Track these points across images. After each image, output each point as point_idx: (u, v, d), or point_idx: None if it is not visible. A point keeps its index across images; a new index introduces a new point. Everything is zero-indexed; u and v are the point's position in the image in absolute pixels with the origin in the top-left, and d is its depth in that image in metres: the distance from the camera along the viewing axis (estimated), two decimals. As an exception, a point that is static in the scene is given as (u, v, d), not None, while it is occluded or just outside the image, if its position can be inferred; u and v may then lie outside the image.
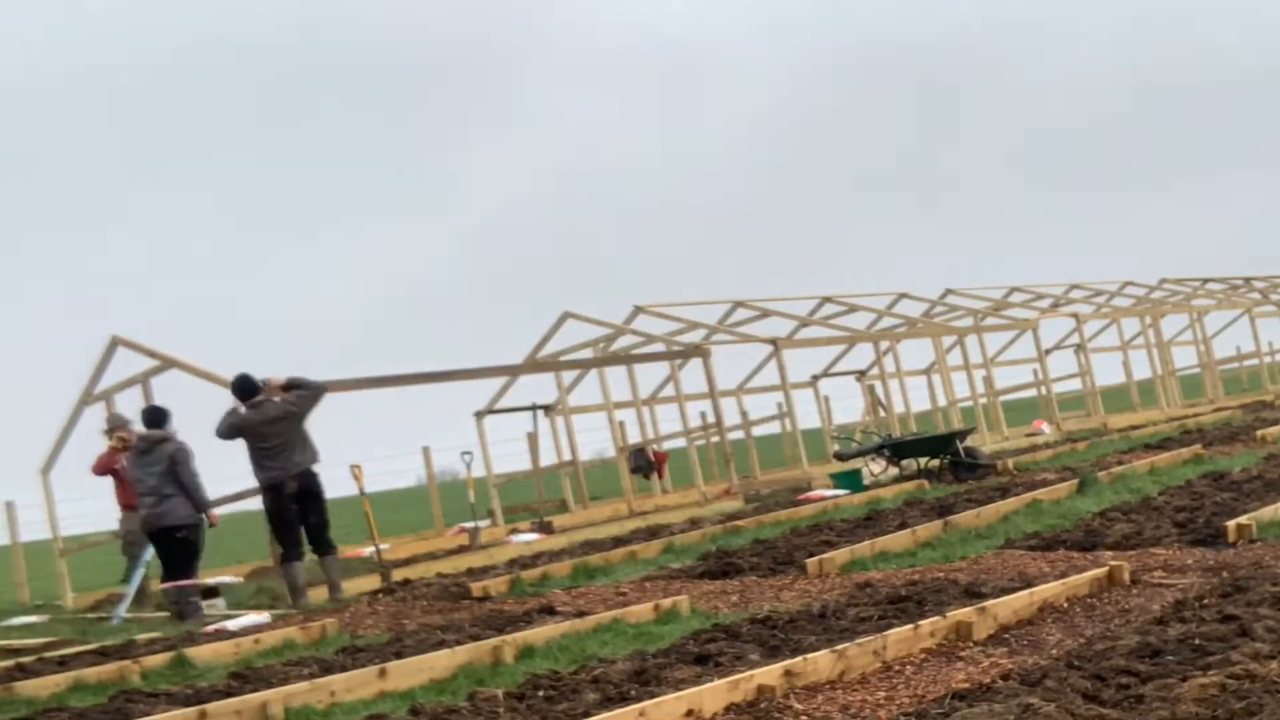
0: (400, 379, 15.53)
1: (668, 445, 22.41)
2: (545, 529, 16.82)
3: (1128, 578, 8.21)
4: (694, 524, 15.14)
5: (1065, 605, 7.70)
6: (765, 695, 5.99)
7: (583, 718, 5.90)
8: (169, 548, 11.80)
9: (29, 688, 8.10)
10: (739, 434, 22.21)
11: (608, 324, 20.69)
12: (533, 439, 20.01)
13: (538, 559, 13.42)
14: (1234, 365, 33.93)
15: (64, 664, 9.13)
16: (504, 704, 6.28)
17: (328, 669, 7.71)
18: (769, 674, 6.13)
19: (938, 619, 7.02)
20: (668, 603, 8.89)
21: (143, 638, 10.28)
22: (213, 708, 6.67)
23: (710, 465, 22.33)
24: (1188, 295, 31.15)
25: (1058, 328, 27.20)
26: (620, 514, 18.21)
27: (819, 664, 6.28)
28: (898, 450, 18.17)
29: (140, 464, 11.94)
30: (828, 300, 24.09)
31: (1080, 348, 26.53)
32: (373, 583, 12.64)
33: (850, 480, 17.32)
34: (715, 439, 21.21)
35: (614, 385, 20.30)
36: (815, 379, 25.28)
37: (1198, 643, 6.05)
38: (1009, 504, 12.59)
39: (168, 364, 13.67)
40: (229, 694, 7.14)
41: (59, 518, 15.49)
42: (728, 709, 5.86)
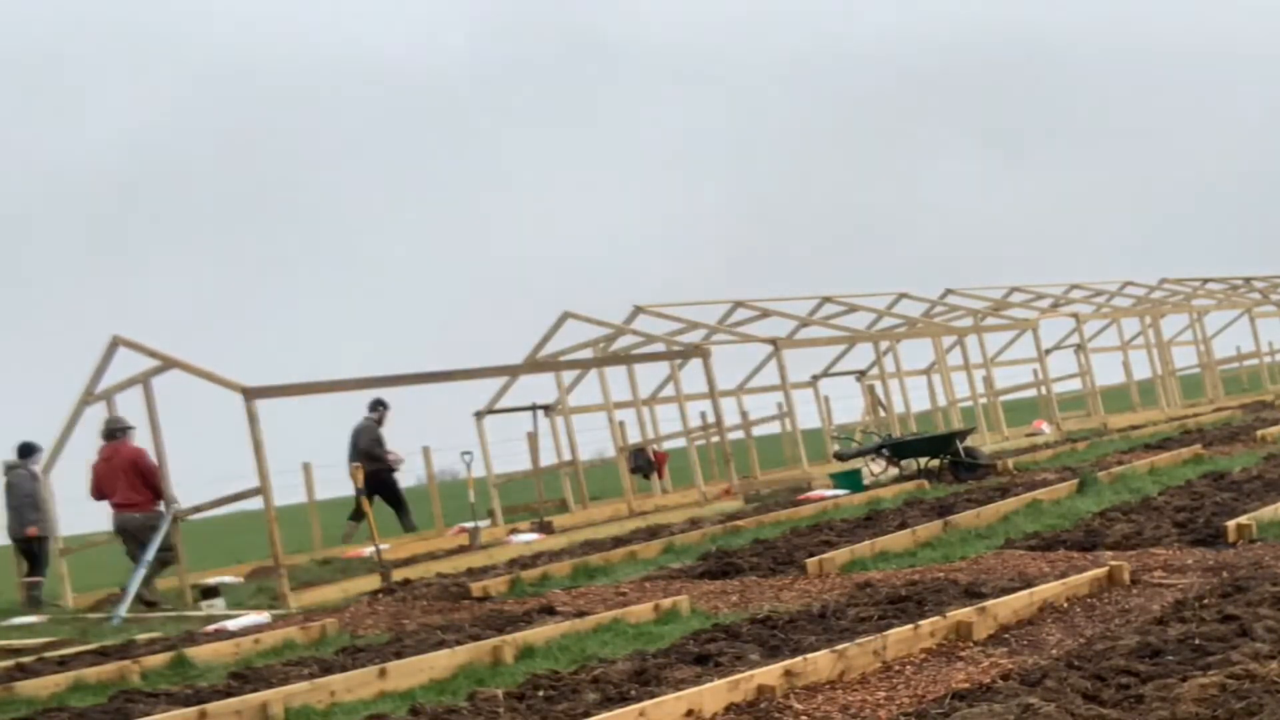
0: (400, 379, 15.51)
1: (668, 445, 22.38)
2: (545, 529, 16.81)
3: (1128, 578, 8.21)
4: (694, 524, 15.14)
5: (1065, 605, 7.70)
6: (765, 695, 6.00)
7: (583, 718, 5.90)
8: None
9: (29, 688, 8.10)
10: (739, 434, 22.18)
11: (608, 324, 20.67)
12: (533, 439, 19.99)
13: (538, 559, 13.42)
14: (1234, 365, 33.89)
15: (64, 664, 9.13)
16: (504, 704, 6.28)
17: (328, 669, 7.72)
18: (769, 674, 6.14)
19: (938, 619, 7.03)
20: (668, 603, 8.90)
21: (143, 638, 10.29)
22: (213, 708, 6.67)
23: (710, 465, 22.30)
24: (1188, 295, 31.13)
25: (1058, 328, 27.18)
26: (620, 514, 18.19)
27: (819, 664, 6.29)
28: (898, 450, 18.17)
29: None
30: (828, 300, 24.07)
31: (1080, 348, 26.50)
32: (373, 583, 12.64)
33: (850, 480, 17.31)
34: (715, 439, 21.18)
35: (614, 385, 20.27)
36: (815, 379, 25.25)
37: (1198, 643, 6.05)
38: (1009, 504, 12.59)
39: (168, 364, 13.64)
40: (229, 694, 7.15)
41: (59, 518, 15.47)
42: (728, 709, 5.87)
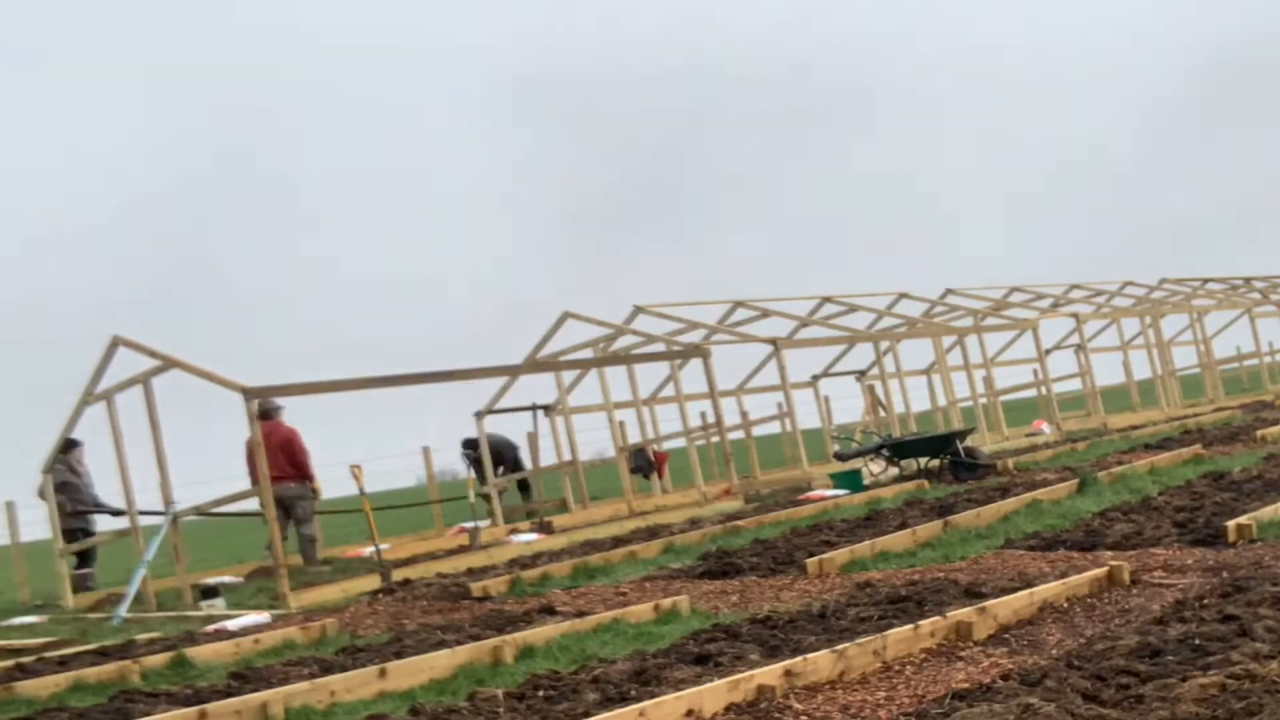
0: (400, 379, 15.50)
1: (668, 445, 22.38)
2: (545, 529, 16.81)
3: (1128, 578, 8.21)
4: (694, 524, 15.14)
5: (1065, 605, 7.70)
6: (765, 695, 6.00)
7: (583, 718, 5.90)
8: None
9: (29, 688, 8.10)
10: (739, 434, 22.18)
11: (608, 324, 20.68)
12: (533, 439, 19.99)
13: (538, 559, 13.42)
14: (1234, 365, 33.92)
15: (64, 664, 9.13)
16: (504, 704, 6.28)
17: (328, 669, 7.72)
18: (769, 674, 6.13)
19: (938, 619, 7.03)
20: (668, 603, 8.90)
21: (143, 638, 10.29)
22: (213, 708, 6.67)
23: (710, 465, 22.32)
24: (1188, 295, 31.14)
25: (1058, 328, 27.20)
26: (620, 514, 18.19)
27: (819, 664, 6.29)
28: (897, 450, 18.17)
29: None
30: (828, 300, 24.07)
31: (1080, 348, 26.51)
32: (373, 583, 12.64)
33: (850, 480, 17.32)
34: (715, 439, 21.19)
35: (614, 385, 20.27)
36: (815, 379, 25.27)
37: (1198, 643, 6.05)
38: (1009, 504, 12.59)
39: (169, 364, 13.64)
40: (229, 694, 7.15)
41: (59, 518, 15.47)
42: (728, 709, 5.87)
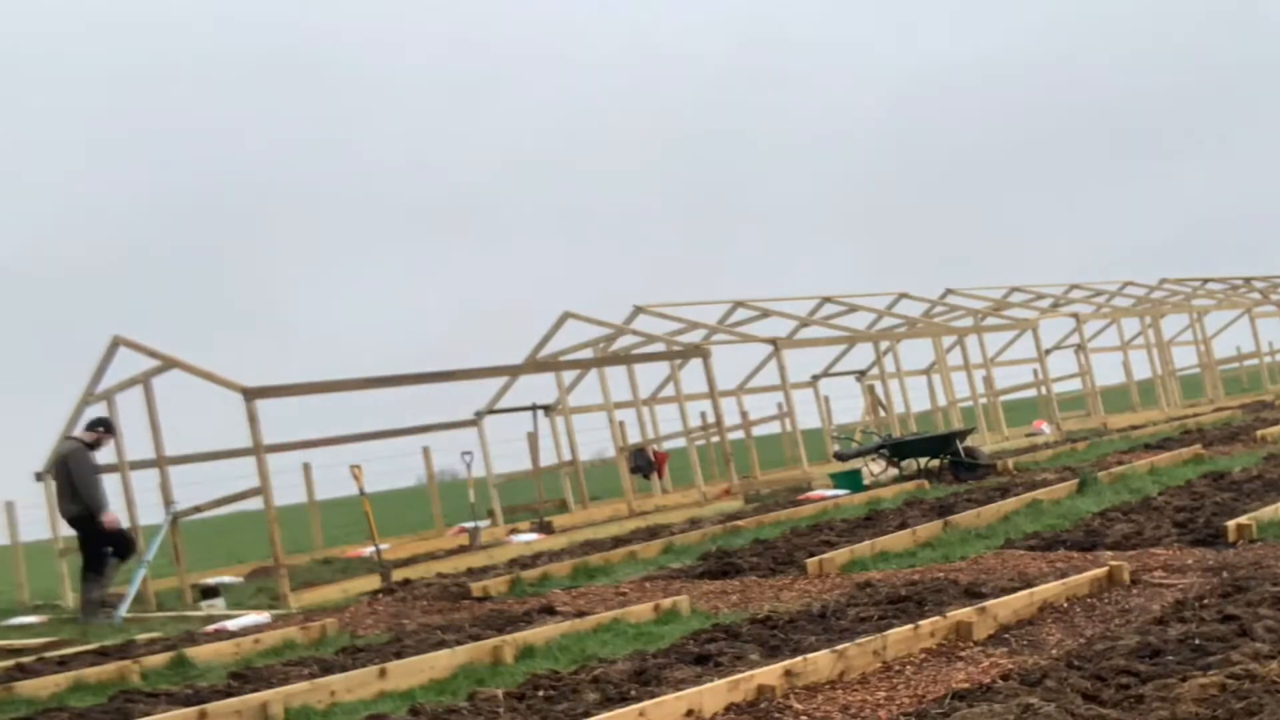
0: (400, 379, 15.52)
1: (668, 445, 22.39)
2: (545, 529, 16.82)
3: (1128, 578, 8.21)
4: (694, 524, 15.14)
5: (1065, 605, 7.70)
6: (765, 695, 6.00)
7: (583, 718, 5.90)
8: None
9: (29, 688, 8.10)
10: (739, 434, 22.19)
11: (608, 324, 20.69)
12: (533, 439, 20.00)
13: (538, 559, 13.42)
14: (1234, 365, 33.92)
15: (64, 664, 9.14)
16: (504, 704, 6.28)
17: (328, 669, 7.72)
18: (769, 674, 6.13)
19: (938, 619, 7.02)
20: (668, 603, 8.90)
21: (143, 638, 10.29)
22: (213, 708, 6.67)
23: (710, 465, 22.32)
24: (1188, 295, 31.15)
25: (1058, 328, 27.20)
26: (620, 514, 18.20)
27: (819, 664, 6.28)
28: (897, 450, 18.16)
29: None
30: (828, 300, 24.08)
31: (1080, 348, 26.51)
32: (373, 583, 12.65)
33: (850, 480, 17.32)
34: (715, 439, 21.19)
35: (614, 385, 20.28)
36: (815, 379, 25.27)
37: (1198, 643, 6.04)
38: (1009, 504, 12.59)
39: (169, 364, 13.65)
40: (229, 694, 7.15)
41: (59, 518, 15.46)
42: (728, 709, 5.86)
